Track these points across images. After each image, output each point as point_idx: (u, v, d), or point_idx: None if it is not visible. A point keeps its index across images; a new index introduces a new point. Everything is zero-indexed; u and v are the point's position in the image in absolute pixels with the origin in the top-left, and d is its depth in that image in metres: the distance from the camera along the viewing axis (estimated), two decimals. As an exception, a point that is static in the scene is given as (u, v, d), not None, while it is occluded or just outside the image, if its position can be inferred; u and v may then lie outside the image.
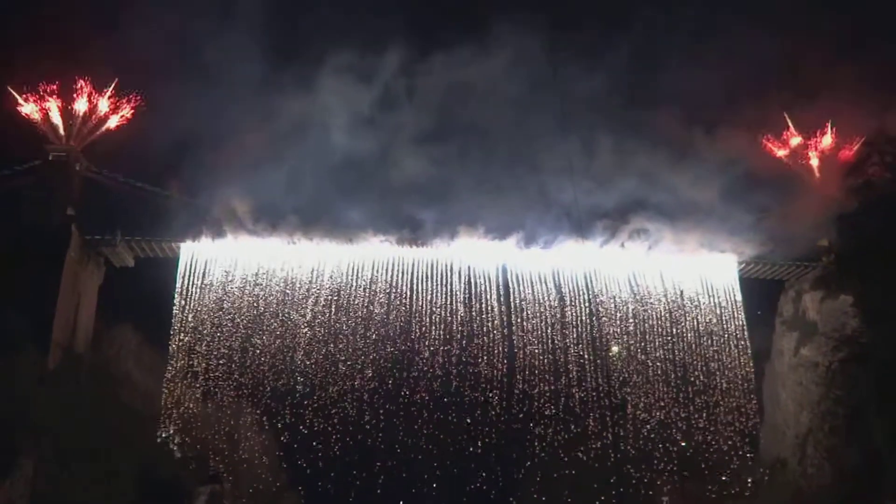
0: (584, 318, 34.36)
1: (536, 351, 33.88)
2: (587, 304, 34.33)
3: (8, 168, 31.85)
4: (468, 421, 33.02)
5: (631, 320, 34.74)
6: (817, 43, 34.50)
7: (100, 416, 30.24)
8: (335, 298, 34.14)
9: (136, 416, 32.15)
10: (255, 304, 33.98)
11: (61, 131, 33.00)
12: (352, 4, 36.41)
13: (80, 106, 33.17)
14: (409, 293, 34.06)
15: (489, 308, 34.10)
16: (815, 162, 34.74)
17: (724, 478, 33.83)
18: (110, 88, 33.49)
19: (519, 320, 34.03)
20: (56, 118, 32.94)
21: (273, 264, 34.50)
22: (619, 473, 33.18)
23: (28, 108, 32.79)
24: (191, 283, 33.78)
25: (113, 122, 33.76)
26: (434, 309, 33.89)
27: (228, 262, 34.36)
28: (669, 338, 34.69)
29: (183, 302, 33.48)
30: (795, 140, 34.74)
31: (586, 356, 34.00)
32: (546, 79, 34.82)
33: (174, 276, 33.68)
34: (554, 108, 33.83)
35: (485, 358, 33.41)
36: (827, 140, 34.20)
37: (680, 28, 36.37)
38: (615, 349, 34.85)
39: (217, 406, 33.25)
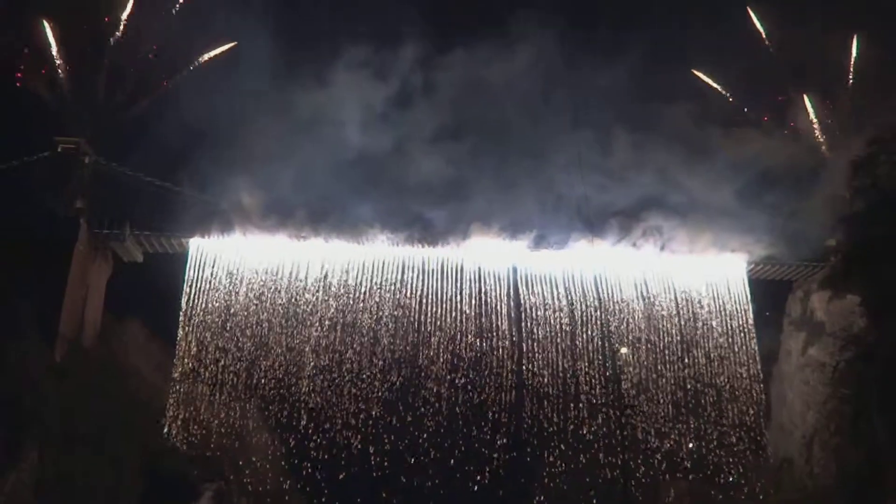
0: (593, 320, 34.34)
1: (546, 362, 33.75)
2: (597, 306, 34.32)
3: (16, 158, 31.67)
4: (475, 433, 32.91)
5: (640, 320, 34.77)
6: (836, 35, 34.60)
7: (107, 408, 30.07)
8: (345, 297, 34.02)
9: (143, 410, 31.94)
10: (263, 301, 33.80)
11: None
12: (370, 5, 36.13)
13: None
14: (417, 293, 33.85)
15: (499, 314, 33.95)
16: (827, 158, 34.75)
17: (731, 478, 33.84)
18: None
19: (529, 329, 33.91)
20: None
21: (282, 261, 34.31)
22: (625, 471, 33.15)
23: None
24: (199, 278, 33.61)
25: None
26: (443, 313, 33.71)
27: (237, 257, 34.16)
28: (678, 338, 34.72)
29: (191, 297, 33.28)
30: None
31: (596, 359, 33.99)
32: (560, 76, 34.75)
33: (183, 271, 33.49)
34: (568, 105, 34.04)
35: (493, 383, 33.20)
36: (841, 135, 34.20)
37: (695, 23, 36.15)
38: (624, 350, 34.88)
39: (224, 403, 32.99)
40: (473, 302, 33.77)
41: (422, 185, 34.15)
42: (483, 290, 33.99)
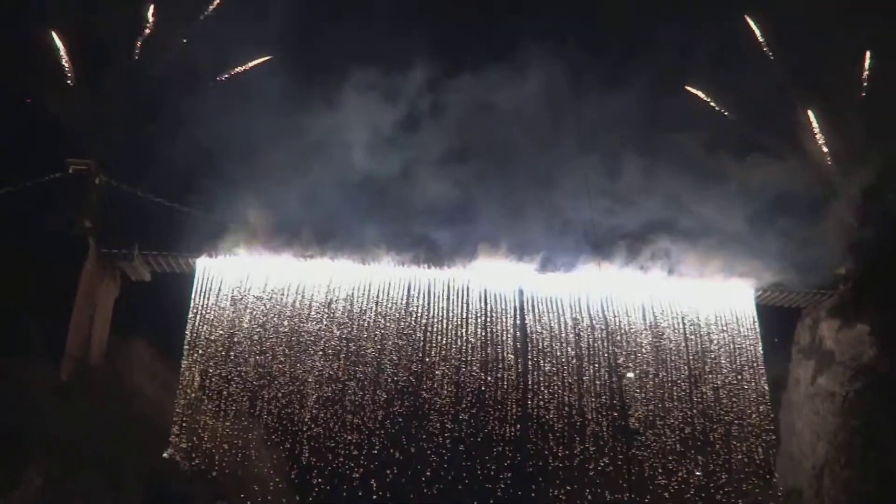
0: (600, 352, 34.16)
1: (552, 394, 33.60)
2: (604, 337, 34.16)
3: (28, 179, 32.12)
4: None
5: (647, 347, 34.56)
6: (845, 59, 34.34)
7: (111, 428, 30.16)
8: (350, 318, 34.10)
9: (148, 429, 32.00)
10: (268, 321, 33.99)
11: None
12: (377, 24, 36.42)
13: None
14: (423, 322, 33.88)
15: (504, 344, 33.85)
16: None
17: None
18: None
19: (535, 360, 33.77)
20: None
21: (287, 281, 34.50)
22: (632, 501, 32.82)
23: None
24: (206, 298, 33.85)
25: None
26: (447, 342, 33.66)
27: (243, 277, 34.40)
28: (686, 365, 34.48)
29: (197, 317, 33.50)
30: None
31: (603, 392, 33.77)
32: (568, 99, 34.83)
33: (190, 291, 33.75)
34: (575, 128, 34.06)
35: (497, 416, 33.07)
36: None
37: (705, 48, 36.12)
38: (630, 375, 34.62)
39: (229, 423, 33.04)
40: (479, 332, 33.70)
41: (428, 207, 34.35)
42: (489, 317, 33.92)
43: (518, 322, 33.94)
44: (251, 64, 36.18)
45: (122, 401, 32.24)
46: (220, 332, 33.63)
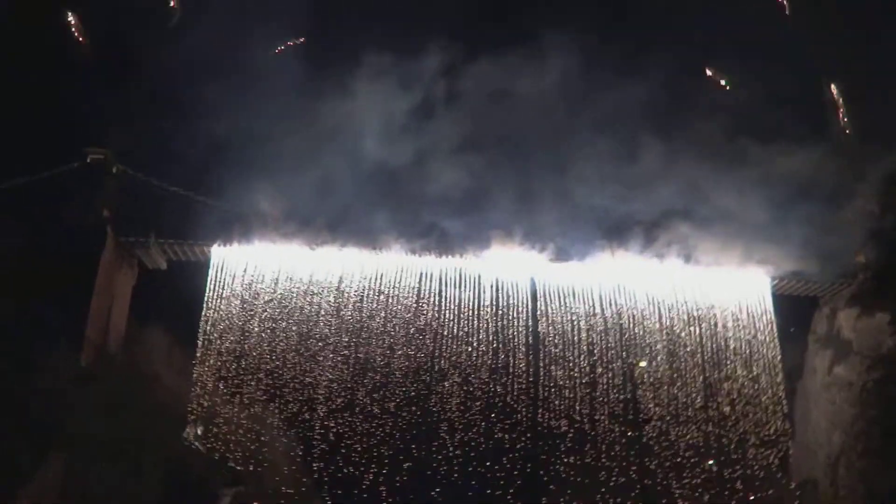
0: (613, 333, 34.05)
1: (562, 378, 33.67)
2: (617, 321, 33.99)
3: (47, 169, 32.44)
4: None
5: (661, 335, 34.35)
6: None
7: (130, 415, 30.50)
8: (362, 305, 34.26)
9: (165, 416, 32.41)
10: (281, 309, 34.26)
11: None
12: (392, 11, 36.11)
13: None
14: (435, 304, 33.98)
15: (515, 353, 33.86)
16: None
17: (752, 497, 33.22)
18: None
19: (547, 365, 33.79)
20: None
21: (300, 268, 34.70)
22: (644, 492, 32.80)
23: None
24: (221, 285, 34.15)
25: None
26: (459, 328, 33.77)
27: (257, 265, 34.63)
28: (700, 354, 34.23)
29: (212, 304, 33.84)
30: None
31: (615, 373, 33.70)
32: (585, 85, 34.36)
33: (205, 278, 34.06)
34: (592, 115, 33.65)
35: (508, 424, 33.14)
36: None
37: (727, 34, 35.37)
38: (643, 364, 34.47)
39: (244, 408, 33.46)
40: (490, 322, 33.66)
41: (440, 195, 34.19)
42: (501, 306, 33.83)
43: (530, 311, 33.82)
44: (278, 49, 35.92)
45: (141, 387, 32.62)
46: (235, 319, 33.95)
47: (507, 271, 34.37)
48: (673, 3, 36.41)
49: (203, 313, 33.67)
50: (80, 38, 33.88)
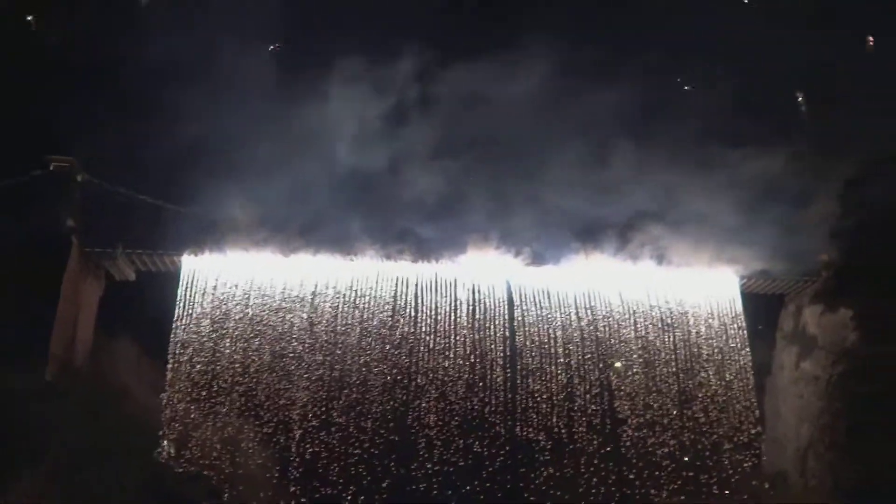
0: (586, 335, 34.44)
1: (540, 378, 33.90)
2: (591, 323, 34.42)
3: (9, 178, 31.32)
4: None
5: (633, 335, 34.88)
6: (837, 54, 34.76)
7: (98, 429, 29.76)
8: (337, 313, 33.90)
9: (135, 430, 31.58)
10: (255, 318, 33.65)
11: None
12: (366, 16, 36.00)
13: None
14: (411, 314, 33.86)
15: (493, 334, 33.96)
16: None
17: (726, 491, 33.94)
18: None
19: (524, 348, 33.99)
20: None
21: (273, 277, 34.17)
22: (619, 488, 33.22)
23: None
24: (191, 296, 33.39)
25: None
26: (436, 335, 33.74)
27: (229, 274, 33.97)
28: (672, 352, 34.84)
29: (183, 315, 33.05)
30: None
31: (588, 373, 34.09)
32: (559, 90, 34.78)
33: (175, 289, 33.27)
34: (566, 120, 34.06)
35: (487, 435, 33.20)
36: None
37: (699, 41, 36.34)
38: (618, 365, 34.97)
39: (218, 421, 32.74)
40: (466, 325, 33.76)
41: (415, 201, 34.11)
42: (477, 310, 33.93)
43: (506, 317, 34.01)
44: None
45: (108, 401, 31.81)
46: (206, 329, 33.21)
47: (483, 276, 34.41)
48: (643, 11, 37.14)
49: (174, 325, 32.82)
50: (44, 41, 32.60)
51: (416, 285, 34.29)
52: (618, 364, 35.03)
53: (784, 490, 34.51)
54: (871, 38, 34.69)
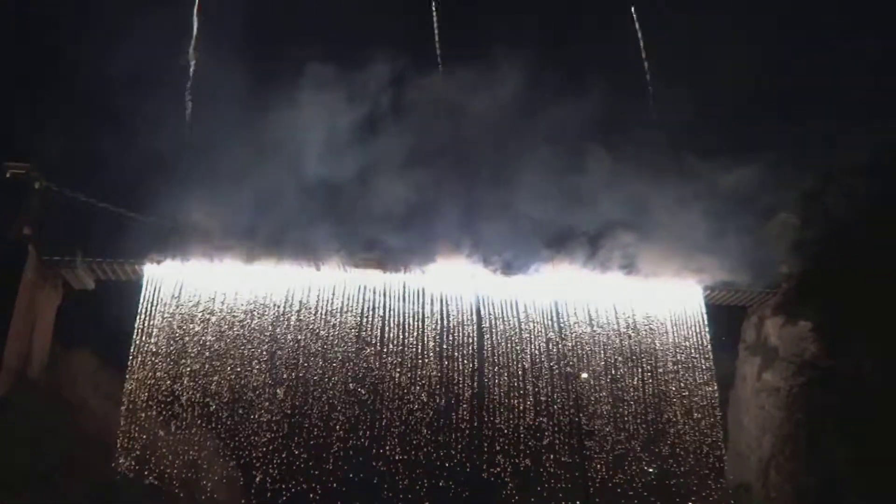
0: (552, 346, 34.54)
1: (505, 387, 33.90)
2: (557, 332, 34.56)
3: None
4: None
5: (599, 347, 35.05)
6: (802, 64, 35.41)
7: (54, 443, 29.06)
8: (303, 323, 33.56)
9: (93, 443, 30.85)
10: (219, 329, 33.15)
11: None
12: (337, 26, 35.88)
13: None
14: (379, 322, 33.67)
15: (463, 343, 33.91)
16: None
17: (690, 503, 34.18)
18: None
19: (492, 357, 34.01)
20: None
21: (237, 287, 33.69)
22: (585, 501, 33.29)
23: None
24: (152, 306, 32.76)
25: None
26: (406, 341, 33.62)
27: (192, 284, 33.40)
28: (635, 364, 35.06)
29: (143, 326, 32.37)
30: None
31: (554, 385, 34.19)
32: (530, 100, 34.98)
33: (136, 298, 32.61)
34: (535, 130, 34.25)
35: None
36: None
37: (670, 50, 36.88)
38: (584, 375, 35.10)
39: (179, 434, 32.10)
40: (435, 334, 33.67)
41: (385, 210, 33.97)
42: (445, 320, 33.89)
43: (475, 325, 33.98)
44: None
45: (65, 414, 31.03)
46: (168, 340, 32.61)
47: (452, 285, 34.36)
48: (613, 25, 37.65)
49: (134, 335, 32.13)
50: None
51: (385, 294, 34.13)
52: (584, 375, 35.14)
53: (747, 501, 34.79)
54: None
